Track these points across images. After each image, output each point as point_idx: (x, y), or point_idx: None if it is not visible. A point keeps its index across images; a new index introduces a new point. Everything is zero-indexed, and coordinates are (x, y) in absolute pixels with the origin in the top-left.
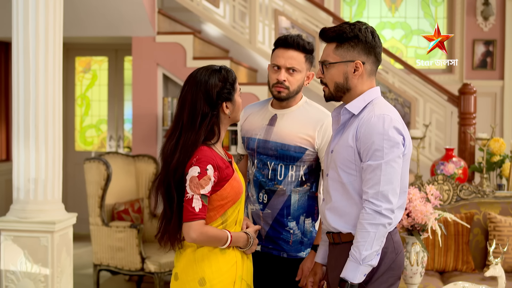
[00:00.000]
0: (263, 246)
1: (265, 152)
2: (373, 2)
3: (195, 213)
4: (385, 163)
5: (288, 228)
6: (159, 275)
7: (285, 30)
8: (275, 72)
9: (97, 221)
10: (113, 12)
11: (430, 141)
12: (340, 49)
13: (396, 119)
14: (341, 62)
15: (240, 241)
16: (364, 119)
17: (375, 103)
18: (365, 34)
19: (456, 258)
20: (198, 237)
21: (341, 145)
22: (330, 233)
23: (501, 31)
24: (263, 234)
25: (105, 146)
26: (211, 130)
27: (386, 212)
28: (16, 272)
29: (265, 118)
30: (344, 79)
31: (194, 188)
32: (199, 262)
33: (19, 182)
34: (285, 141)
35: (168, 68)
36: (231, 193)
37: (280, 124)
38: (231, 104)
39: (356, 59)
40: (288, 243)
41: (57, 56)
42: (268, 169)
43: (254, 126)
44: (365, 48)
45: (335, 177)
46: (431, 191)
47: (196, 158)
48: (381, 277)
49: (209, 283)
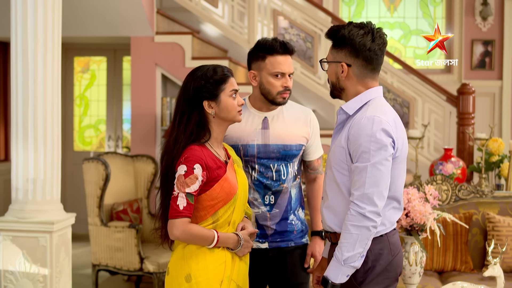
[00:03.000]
0: (270, 242)
1: (267, 155)
2: (372, 2)
3: (179, 210)
4: (371, 166)
5: (290, 221)
6: (157, 275)
7: (284, 30)
8: (279, 79)
9: (95, 221)
10: (112, 12)
11: (429, 141)
12: (333, 49)
13: (386, 121)
14: (332, 62)
15: (229, 242)
16: (356, 120)
17: (370, 104)
18: (354, 37)
19: (454, 258)
20: (180, 234)
21: (336, 145)
22: (327, 233)
23: (500, 31)
24: (269, 232)
25: (104, 146)
26: (198, 129)
27: (370, 214)
28: (15, 272)
29: (255, 122)
30: (336, 79)
31: (180, 186)
32: (187, 259)
33: (17, 182)
34: (286, 141)
35: (166, 68)
36: (221, 194)
37: (274, 126)
38: (215, 103)
39: (343, 61)
40: (293, 232)
41: (55, 56)
42: (272, 171)
43: (246, 132)
44: (352, 51)
45: (331, 176)
46: (430, 191)
47: (185, 157)
48: (376, 278)
49: (194, 279)
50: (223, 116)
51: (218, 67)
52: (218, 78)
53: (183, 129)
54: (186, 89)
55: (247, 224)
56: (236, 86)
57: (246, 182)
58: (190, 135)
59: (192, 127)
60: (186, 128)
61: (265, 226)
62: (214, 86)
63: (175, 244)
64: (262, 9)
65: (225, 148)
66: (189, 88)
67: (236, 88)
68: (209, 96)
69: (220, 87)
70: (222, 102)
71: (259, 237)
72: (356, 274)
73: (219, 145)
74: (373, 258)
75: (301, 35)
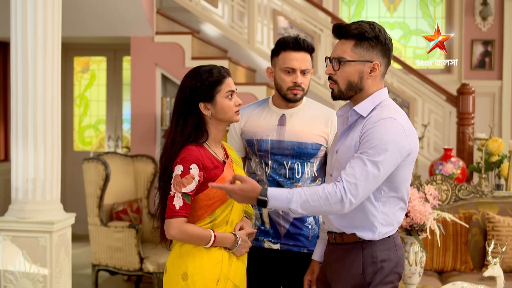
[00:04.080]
0: (282, 244)
1: (281, 152)
2: (372, 2)
3: (175, 210)
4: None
5: (307, 224)
6: (157, 275)
7: (284, 30)
8: (289, 75)
9: (95, 221)
10: (112, 12)
11: (429, 141)
12: (359, 48)
13: (404, 123)
14: (359, 61)
15: (227, 242)
16: (371, 121)
17: (383, 105)
18: (384, 36)
19: (454, 258)
20: (177, 234)
21: (346, 146)
22: (332, 233)
23: (500, 31)
24: (282, 232)
25: (104, 146)
26: (195, 130)
27: (347, 205)
28: (15, 272)
29: (273, 118)
30: (359, 79)
31: (176, 186)
32: (184, 257)
33: (17, 182)
34: (302, 139)
35: (166, 68)
36: (218, 193)
37: (291, 123)
38: (211, 105)
39: (375, 60)
40: (308, 238)
41: (55, 56)
42: (285, 169)
43: (262, 127)
44: (383, 49)
45: (338, 177)
46: (430, 191)
47: (181, 157)
48: (384, 279)
49: (190, 278)
50: (220, 117)
51: (215, 68)
52: (213, 80)
53: (180, 130)
54: (183, 91)
55: (246, 224)
56: (232, 86)
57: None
58: (188, 136)
59: (190, 129)
60: (183, 130)
61: (277, 224)
62: (210, 88)
63: (173, 243)
64: (262, 9)
65: (224, 148)
66: (185, 90)
67: (233, 89)
68: (205, 98)
69: (216, 89)
70: (218, 104)
71: (272, 237)
72: (365, 275)
73: (218, 145)
74: (382, 260)
75: (301, 35)
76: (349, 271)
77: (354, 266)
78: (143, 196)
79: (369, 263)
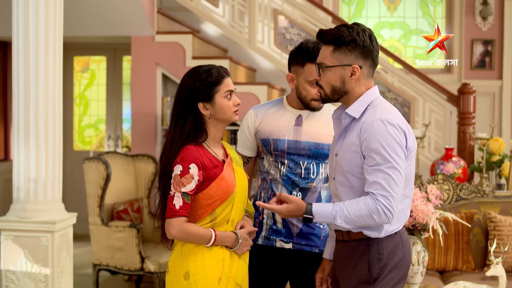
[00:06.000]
0: (294, 244)
1: (297, 152)
2: (372, 2)
3: (175, 210)
4: (393, 168)
5: (319, 224)
6: (158, 275)
7: (284, 30)
8: (315, 87)
9: (96, 221)
10: (113, 11)
11: (430, 140)
12: (338, 53)
13: (398, 121)
14: (338, 66)
15: (228, 240)
16: (366, 123)
17: (375, 105)
18: (363, 38)
19: (456, 258)
20: (177, 233)
21: (345, 150)
22: (339, 231)
23: (500, 31)
24: (295, 231)
25: (104, 145)
26: (195, 130)
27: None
28: (16, 272)
29: (289, 119)
30: (341, 83)
31: (176, 186)
32: (186, 257)
33: (19, 182)
34: (319, 140)
35: (167, 67)
36: (218, 192)
37: (307, 124)
38: (210, 105)
39: (354, 63)
40: (320, 238)
41: (57, 55)
42: (301, 168)
43: (279, 127)
44: (362, 52)
45: (343, 181)
46: (432, 191)
47: (181, 157)
48: (389, 274)
49: (192, 277)
50: (219, 117)
51: (213, 67)
52: (212, 80)
53: (179, 130)
54: (182, 91)
55: (247, 222)
56: (231, 86)
57: (245, 181)
58: (187, 136)
59: (189, 129)
60: (182, 129)
61: (290, 224)
62: (208, 88)
63: (175, 243)
64: (263, 8)
65: (223, 147)
66: (184, 89)
67: (232, 89)
68: (204, 98)
69: (215, 89)
70: (217, 104)
71: (284, 236)
72: (371, 270)
73: (217, 144)
74: (388, 255)
75: (301, 35)
76: (356, 267)
77: (360, 262)
78: (144, 196)
79: (376, 260)
